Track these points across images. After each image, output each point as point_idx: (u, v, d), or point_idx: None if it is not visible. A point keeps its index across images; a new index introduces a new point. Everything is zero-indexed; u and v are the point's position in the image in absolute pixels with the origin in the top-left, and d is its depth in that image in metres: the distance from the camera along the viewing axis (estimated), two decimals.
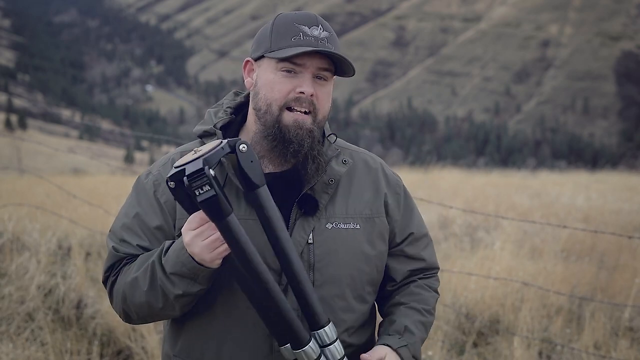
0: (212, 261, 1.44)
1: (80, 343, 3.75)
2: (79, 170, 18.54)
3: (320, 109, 1.56)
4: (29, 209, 5.77)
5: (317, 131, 1.57)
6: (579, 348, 3.83)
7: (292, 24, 1.52)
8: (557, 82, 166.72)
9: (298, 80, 1.52)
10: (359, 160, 1.71)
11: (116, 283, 1.60)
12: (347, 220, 1.62)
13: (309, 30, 1.52)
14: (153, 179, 1.64)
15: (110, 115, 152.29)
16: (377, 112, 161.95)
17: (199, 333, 1.61)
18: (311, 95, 1.52)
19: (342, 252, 1.60)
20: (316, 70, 1.53)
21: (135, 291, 1.54)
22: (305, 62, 1.51)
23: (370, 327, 1.73)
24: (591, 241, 6.44)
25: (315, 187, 1.59)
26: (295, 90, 1.52)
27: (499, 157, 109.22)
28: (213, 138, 1.61)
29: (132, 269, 1.55)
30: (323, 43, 1.51)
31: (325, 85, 1.56)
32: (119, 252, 1.61)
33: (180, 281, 1.47)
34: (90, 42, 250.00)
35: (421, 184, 11.94)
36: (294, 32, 1.51)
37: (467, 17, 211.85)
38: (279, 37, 1.52)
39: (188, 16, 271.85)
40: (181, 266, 1.45)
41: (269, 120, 1.54)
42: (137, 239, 1.59)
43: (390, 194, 1.70)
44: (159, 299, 1.52)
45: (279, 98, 1.53)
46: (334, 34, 1.56)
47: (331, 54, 1.51)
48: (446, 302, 4.53)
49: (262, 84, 1.56)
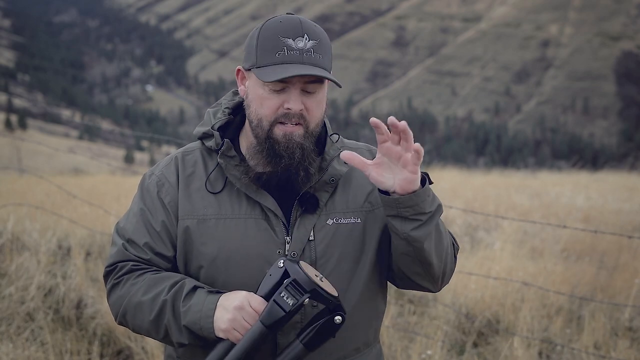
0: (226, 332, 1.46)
1: (80, 343, 3.75)
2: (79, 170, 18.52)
3: (311, 119, 1.56)
4: (28, 209, 5.77)
5: (309, 142, 1.57)
6: (579, 348, 3.83)
7: (276, 37, 1.51)
8: (557, 82, 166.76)
9: (286, 96, 1.53)
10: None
11: (118, 289, 1.61)
12: (347, 215, 1.63)
13: (294, 43, 1.51)
14: (156, 179, 1.66)
15: (110, 115, 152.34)
16: (377, 112, 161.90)
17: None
18: (300, 110, 1.53)
19: (344, 247, 1.60)
20: (303, 85, 1.53)
21: (138, 314, 1.56)
22: (292, 79, 1.51)
23: (377, 321, 1.72)
24: (591, 241, 6.44)
25: (315, 185, 1.60)
26: (283, 106, 1.53)
27: (499, 157, 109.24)
28: (212, 139, 1.63)
29: (139, 290, 1.56)
30: (309, 55, 1.51)
31: (315, 96, 1.56)
32: (127, 251, 1.62)
33: (190, 335, 1.50)
34: (90, 42, 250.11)
35: None
36: (279, 47, 1.50)
37: (467, 17, 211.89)
38: (264, 53, 1.52)
39: (188, 16, 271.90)
40: (199, 329, 1.48)
41: (261, 134, 1.56)
42: (143, 238, 1.61)
43: None
44: (160, 333, 1.55)
45: (268, 114, 1.54)
46: (321, 39, 1.54)
47: (308, 74, 1.49)
48: (446, 302, 4.53)
49: (252, 97, 1.57)
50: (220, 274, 1.57)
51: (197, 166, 1.65)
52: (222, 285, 1.56)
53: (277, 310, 1.39)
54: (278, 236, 1.58)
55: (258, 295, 1.46)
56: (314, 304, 1.53)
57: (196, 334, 1.49)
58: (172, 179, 1.64)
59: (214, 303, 1.47)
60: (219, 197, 1.60)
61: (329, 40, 1.60)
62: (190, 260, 1.60)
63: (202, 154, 1.67)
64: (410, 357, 3.81)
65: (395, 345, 3.98)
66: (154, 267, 1.61)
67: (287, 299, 1.39)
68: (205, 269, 1.58)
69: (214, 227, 1.58)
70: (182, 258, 1.61)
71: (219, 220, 1.58)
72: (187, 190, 1.62)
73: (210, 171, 1.62)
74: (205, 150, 1.67)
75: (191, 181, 1.63)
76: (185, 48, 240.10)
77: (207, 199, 1.60)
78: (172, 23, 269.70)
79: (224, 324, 1.44)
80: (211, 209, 1.59)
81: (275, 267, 1.45)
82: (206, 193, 1.61)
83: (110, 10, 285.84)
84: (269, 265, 1.54)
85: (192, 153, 1.68)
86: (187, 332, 1.49)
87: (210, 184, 1.61)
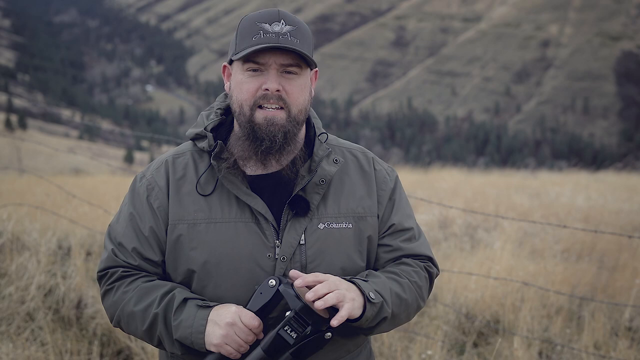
0: (218, 347, 1.47)
1: (80, 343, 3.75)
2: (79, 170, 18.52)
3: (292, 103, 1.56)
4: (28, 209, 5.77)
5: (293, 127, 1.57)
6: (579, 348, 3.83)
7: (253, 23, 1.53)
8: (557, 82, 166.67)
9: (264, 78, 1.54)
10: (351, 158, 1.72)
11: (110, 295, 1.63)
12: (339, 219, 1.62)
13: (270, 27, 1.52)
14: (146, 183, 1.66)
15: (110, 115, 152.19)
16: (377, 112, 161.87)
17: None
18: (277, 91, 1.53)
19: (334, 252, 1.60)
20: (279, 66, 1.53)
21: (131, 323, 1.58)
22: (267, 60, 1.52)
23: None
24: (591, 241, 6.44)
25: (306, 188, 1.59)
26: (261, 88, 1.53)
27: (499, 157, 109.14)
28: (205, 140, 1.63)
29: (131, 299, 1.57)
30: (285, 38, 1.51)
31: (295, 79, 1.56)
32: (117, 257, 1.63)
33: (182, 348, 1.52)
34: (90, 42, 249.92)
35: (421, 184, 11.94)
36: (255, 31, 1.52)
37: (467, 17, 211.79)
38: (242, 39, 1.54)
39: (188, 16, 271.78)
40: (190, 343, 1.49)
41: (243, 120, 1.57)
42: (132, 243, 1.61)
43: (378, 190, 1.71)
44: (154, 342, 1.57)
45: (247, 98, 1.55)
46: (300, 27, 1.55)
47: (283, 47, 1.50)
48: (446, 302, 4.52)
49: (233, 86, 1.59)
50: (211, 278, 1.57)
51: (187, 169, 1.65)
52: (213, 288, 1.57)
53: (281, 343, 1.44)
54: (268, 240, 1.57)
55: (249, 310, 1.48)
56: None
57: (190, 351, 1.52)
58: (162, 183, 1.64)
59: (204, 319, 1.48)
60: (210, 200, 1.60)
61: (310, 32, 1.60)
62: (179, 264, 1.60)
63: (192, 156, 1.67)
64: (410, 357, 3.81)
65: (395, 345, 3.98)
66: (144, 272, 1.62)
67: (291, 332, 1.43)
68: (196, 273, 1.58)
69: (205, 231, 1.58)
70: (171, 262, 1.61)
71: (209, 225, 1.58)
72: (178, 194, 1.62)
73: (201, 173, 1.62)
74: (196, 152, 1.67)
75: (182, 185, 1.63)
76: (185, 48, 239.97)
77: (198, 203, 1.60)
78: (172, 23, 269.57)
79: (216, 339, 1.46)
80: (202, 213, 1.59)
81: (267, 286, 1.47)
82: (197, 196, 1.61)
83: (110, 10, 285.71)
84: (259, 268, 1.55)
85: (183, 155, 1.68)
86: (179, 345, 1.51)
87: (200, 186, 1.61)
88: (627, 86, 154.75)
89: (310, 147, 1.66)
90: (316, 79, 1.66)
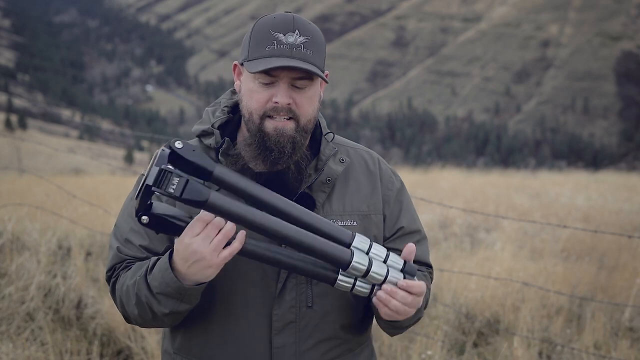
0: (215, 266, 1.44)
1: (80, 343, 3.75)
2: (79, 170, 18.52)
3: (302, 114, 1.56)
4: (29, 209, 5.77)
5: (301, 136, 1.57)
6: (579, 348, 3.83)
7: (268, 31, 1.52)
8: (557, 82, 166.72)
9: (275, 90, 1.53)
10: (357, 158, 1.73)
11: (116, 287, 1.62)
12: (344, 217, 1.63)
13: (284, 38, 1.51)
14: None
15: (110, 115, 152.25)
16: (377, 112, 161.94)
17: (198, 330, 1.63)
18: (288, 104, 1.53)
19: None
20: (291, 80, 1.53)
21: (129, 301, 1.57)
22: (279, 74, 1.52)
23: (367, 323, 1.74)
24: (591, 241, 6.45)
25: (312, 186, 1.60)
26: (272, 100, 1.53)
27: (499, 157, 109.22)
28: (211, 137, 1.63)
29: (128, 276, 1.58)
30: (298, 50, 1.51)
31: (305, 91, 1.56)
32: (122, 254, 1.62)
33: (167, 300, 1.49)
34: (90, 42, 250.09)
35: (421, 184, 11.95)
36: (269, 41, 1.51)
37: (467, 17, 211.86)
38: (255, 46, 1.53)
39: (188, 16, 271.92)
40: (166, 286, 1.47)
41: (252, 128, 1.57)
42: (140, 239, 1.61)
43: (384, 190, 1.71)
44: (147, 313, 1.54)
45: (257, 107, 1.55)
46: (314, 36, 1.54)
47: (295, 68, 1.49)
48: (446, 302, 4.53)
49: (244, 91, 1.59)
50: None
51: None
52: (220, 283, 1.57)
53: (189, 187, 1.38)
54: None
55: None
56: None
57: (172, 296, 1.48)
58: None
59: (166, 257, 1.47)
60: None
61: (324, 39, 1.59)
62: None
63: None
64: (410, 357, 3.81)
65: (395, 345, 3.98)
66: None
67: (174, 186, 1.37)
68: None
69: None
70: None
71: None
72: None
73: None
74: (202, 149, 1.67)
75: None
76: (185, 48, 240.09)
77: None
78: (172, 23, 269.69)
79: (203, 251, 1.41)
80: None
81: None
82: None
83: (110, 10, 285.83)
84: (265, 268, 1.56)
85: None
86: (164, 298, 1.49)
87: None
88: (627, 86, 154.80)
89: (316, 145, 1.67)
90: (327, 81, 1.66)
